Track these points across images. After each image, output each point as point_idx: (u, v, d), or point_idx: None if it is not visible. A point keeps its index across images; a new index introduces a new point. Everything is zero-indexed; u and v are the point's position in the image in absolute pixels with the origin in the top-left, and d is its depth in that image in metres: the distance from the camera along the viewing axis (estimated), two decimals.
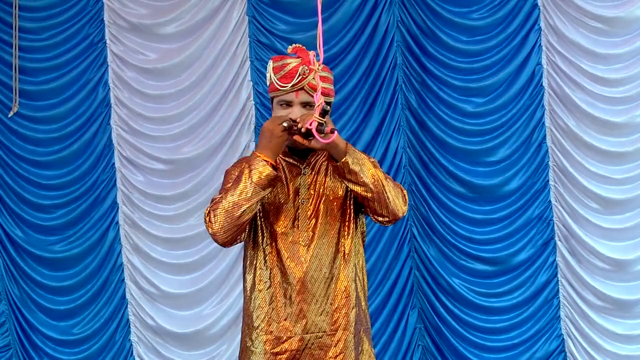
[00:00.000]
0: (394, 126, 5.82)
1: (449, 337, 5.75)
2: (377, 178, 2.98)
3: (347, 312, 3.11)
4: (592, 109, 5.62)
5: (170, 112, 5.98)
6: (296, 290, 3.09)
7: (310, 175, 3.15)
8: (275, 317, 3.11)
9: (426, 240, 5.80)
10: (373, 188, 2.97)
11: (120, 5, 6.00)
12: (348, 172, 2.96)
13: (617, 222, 5.64)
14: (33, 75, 6.03)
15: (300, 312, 3.09)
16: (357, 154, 2.99)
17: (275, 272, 3.11)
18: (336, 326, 3.10)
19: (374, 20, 5.83)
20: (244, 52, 5.92)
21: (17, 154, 6.03)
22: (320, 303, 3.09)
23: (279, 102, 3.11)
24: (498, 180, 5.75)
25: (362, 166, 2.97)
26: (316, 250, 3.10)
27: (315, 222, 3.11)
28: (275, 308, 3.11)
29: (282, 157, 3.18)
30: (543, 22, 5.71)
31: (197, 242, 5.95)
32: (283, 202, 3.13)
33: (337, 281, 3.11)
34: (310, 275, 3.08)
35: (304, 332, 3.09)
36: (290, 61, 3.10)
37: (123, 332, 6.00)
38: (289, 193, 3.14)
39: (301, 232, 3.10)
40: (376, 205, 3.00)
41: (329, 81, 3.13)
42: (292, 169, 3.16)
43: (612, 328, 5.61)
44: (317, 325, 3.09)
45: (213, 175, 5.93)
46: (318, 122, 2.89)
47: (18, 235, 6.02)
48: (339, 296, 3.11)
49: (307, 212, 3.11)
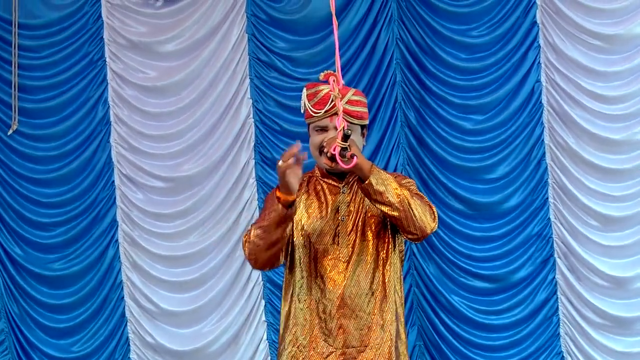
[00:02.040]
0: (393, 143, 5.83)
1: (449, 355, 5.75)
2: (402, 197, 3.04)
3: (388, 327, 3.18)
4: (591, 126, 5.63)
5: (170, 129, 5.99)
6: (336, 305, 3.16)
7: (349, 195, 3.23)
8: (317, 334, 3.18)
9: (425, 258, 5.81)
10: (399, 207, 3.04)
11: (120, 24, 6.02)
12: (373, 193, 3.04)
13: (617, 240, 5.63)
14: (33, 93, 6.04)
15: (340, 327, 3.16)
16: (382, 174, 3.06)
17: (314, 289, 3.19)
18: (378, 340, 3.15)
19: (374, 37, 5.84)
20: (244, 70, 5.94)
21: (16, 172, 6.04)
22: (360, 318, 3.16)
23: (314, 127, 3.21)
24: (497, 197, 5.76)
25: (387, 186, 3.04)
26: (355, 265, 3.17)
27: (355, 238, 3.19)
28: (316, 324, 3.18)
29: (322, 179, 3.27)
30: (542, 40, 5.72)
31: (196, 260, 5.95)
32: (324, 221, 3.22)
33: (377, 296, 3.17)
34: (350, 291, 3.15)
35: (344, 347, 3.15)
36: (322, 88, 3.19)
37: (122, 350, 5.99)
38: (327, 212, 3.22)
39: (341, 249, 3.18)
40: (404, 223, 3.07)
41: (361, 104, 3.21)
42: (331, 189, 3.25)
43: (611, 345, 5.60)
44: (358, 340, 3.15)
45: (212, 193, 5.93)
46: (341, 147, 2.98)
47: (17, 253, 6.02)
48: (379, 311, 3.17)
49: (347, 229, 3.19)
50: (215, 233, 5.93)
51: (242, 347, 5.89)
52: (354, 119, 3.15)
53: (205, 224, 5.92)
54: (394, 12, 5.83)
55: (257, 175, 5.93)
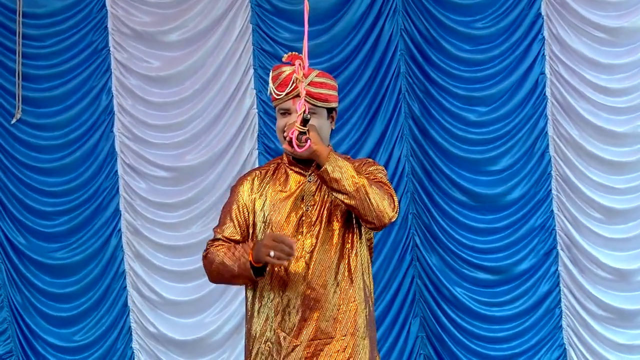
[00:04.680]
0: (397, 135, 5.82)
1: (451, 346, 5.74)
2: (359, 186, 2.95)
3: (354, 317, 3.10)
4: (595, 118, 5.62)
5: (174, 119, 5.98)
6: (300, 298, 3.08)
7: (315, 183, 3.15)
8: (282, 326, 3.10)
9: (428, 249, 5.80)
10: (355, 195, 2.95)
11: (124, 13, 6.01)
12: (329, 180, 2.96)
13: (620, 232, 5.63)
14: (36, 82, 6.04)
15: (305, 320, 3.08)
16: (339, 161, 2.97)
17: (277, 282, 3.10)
18: (344, 331, 3.08)
19: (378, 28, 5.84)
20: (248, 60, 5.94)
21: (20, 161, 6.04)
22: (325, 309, 3.07)
23: (279, 110, 3.15)
24: (501, 189, 5.75)
25: (343, 174, 2.96)
26: (319, 256, 3.08)
27: (320, 228, 3.10)
28: (280, 318, 3.10)
29: (289, 166, 3.19)
30: (547, 32, 5.71)
31: (199, 250, 5.87)
32: (287, 211, 3.13)
33: (343, 286, 3.09)
34: (314, 282, 3.07)
35: (310, 340, 3.07)
36: (285, 69, 3.11)
37: (125, 340, 6.00)
38: (291, 201, 3.13)
39: (305, 239, 3.09)
40: (361, 212, 2.99)
41: (327, 87, 3.13)
42: (297, 177, 3.17)
43: (614, 338, 5.60)
44: (323, 332, 3.07)
45: (216, 183, 5.93)
46: (299, 131, 2.91)
47: (20, 242, 6.03)
48: (344, 301, 3.09)
49: (311, 219, 3.11)
50: None
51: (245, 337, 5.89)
52: (317, 102, 3.07)
53: (208, 214, 5.91)
54: (398, 3, 5.82)
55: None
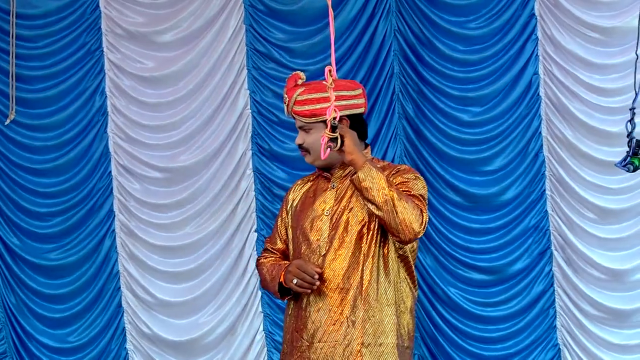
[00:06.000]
0: (390, 135, 5.83)
1: (445, 347, 5.75)
2: (388, 198, 3.01)
3: (362, 324, 3.13)
4: (589, 118, 5.62)
5: (167, 120, 5.98)
6: (310, 299, 3.17)
7: (337, 190, 3.24)
8: (293, 326, 3.22)
9: (423, 250, 5.80)
10: (383, 207, 3.01)
11: (117, 14, 6.01)
12: (360, 189, 3.04)
13: (614, 232, 5.63)
14: (30, 83, 6.03)
15: (312, 322, 3.15)
16: (373, 172, 3.02)
17: None
18: (349, 337, 3.12)
19: (371, 29, 5.84)
20: (241, 61, 5.93)
21: (13, 162, 6.03)
22: (333, 313, 3.13)
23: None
24: (495, 189, 5.75)
25: (375, 184, 3.02)
26: (331, 260, 3.16)
27: (334, 233, 3.17)
28: (293, 316, 3.23)
29: (320, 171, 3.33)
30: (540, 32, 5.71)
31: (193, 251, 5.95)
32: (309, 216, 3.24)
33: (351, 293, 3.14)
34: (325, 285, 3.14)
35: (314, 341, 3.14)
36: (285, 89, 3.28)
37: (119, 341, 5.99)
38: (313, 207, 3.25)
39: (320, 244, 3.18)
40: (387, 223, 3.05)
41: (312, 101, 3.18)
42: (323, 184, 3.29)
43: (608, 338, 5.60)
44: (330, 335, 3.13)
45: (209, 184, 5.93)
46: (328, 137, 2.98)
47: (14, 243, 6.02)
48: (353, 308, 3.13)
49: (329, 225, 3.19)
50: (212, 224, 5.92)
51: (239, 338, 5.90)
52: (304, 119, 3.19)
53: (202, 215, 5.92)
54: (391, 4, 5.82)
55: (254, 166, 5.93)
